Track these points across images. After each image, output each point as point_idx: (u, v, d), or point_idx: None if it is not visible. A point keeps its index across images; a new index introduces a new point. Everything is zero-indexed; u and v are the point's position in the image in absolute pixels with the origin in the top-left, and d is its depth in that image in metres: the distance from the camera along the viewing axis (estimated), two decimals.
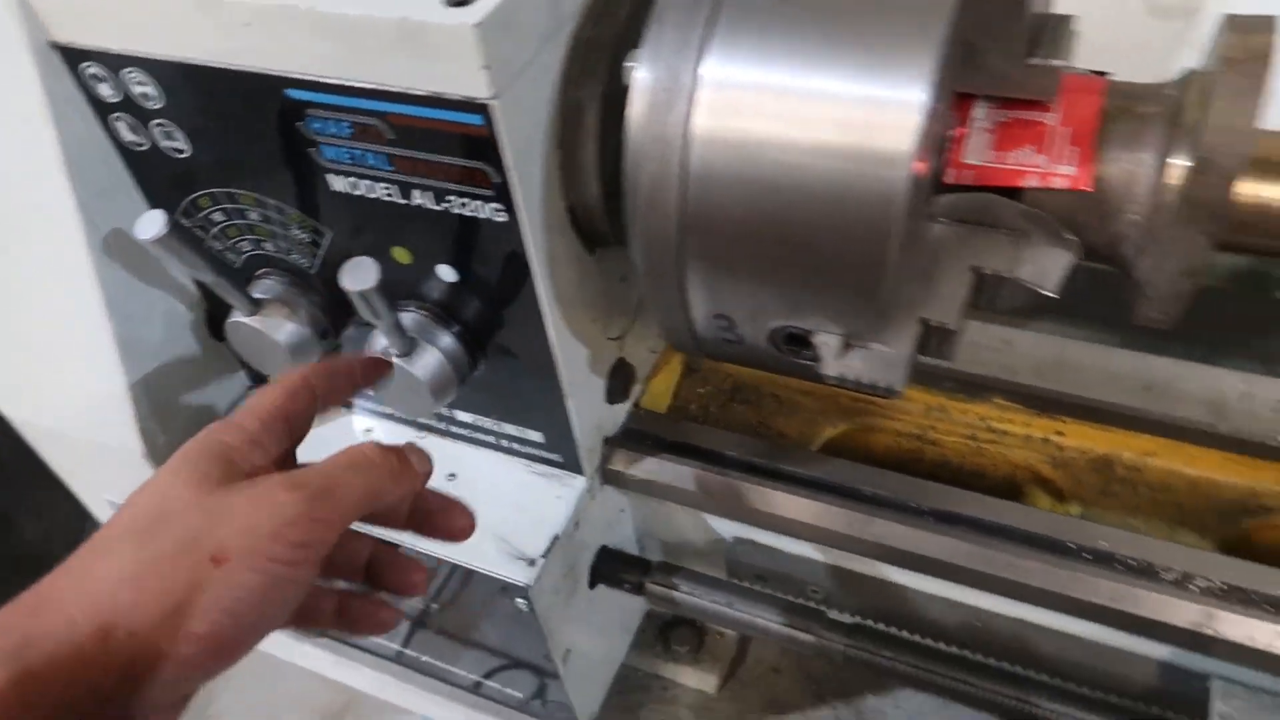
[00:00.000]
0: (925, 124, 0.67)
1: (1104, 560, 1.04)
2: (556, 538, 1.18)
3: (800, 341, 0.79)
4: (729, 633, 1.69)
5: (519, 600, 1.15)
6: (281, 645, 1.65)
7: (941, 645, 1.21)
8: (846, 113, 0.68)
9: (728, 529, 1.35)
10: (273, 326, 1.07)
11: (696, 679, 1.63)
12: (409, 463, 0.75)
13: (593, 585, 1.36)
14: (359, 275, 0.88)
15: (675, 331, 0.87)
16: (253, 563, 0.61)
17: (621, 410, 1.32)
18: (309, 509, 0.64)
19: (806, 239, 0.71)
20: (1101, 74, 0.82)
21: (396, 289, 1.05)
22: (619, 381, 1.24)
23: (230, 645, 0.61)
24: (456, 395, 1.09)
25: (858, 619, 1.24)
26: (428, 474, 0.78)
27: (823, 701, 1.61)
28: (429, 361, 1.03)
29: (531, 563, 1.15)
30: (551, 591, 1.20)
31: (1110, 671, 1.13)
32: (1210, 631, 0.97)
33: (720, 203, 0.73)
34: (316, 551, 0.65)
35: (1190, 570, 1.01)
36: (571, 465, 1.23)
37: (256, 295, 1.09)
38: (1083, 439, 1.30)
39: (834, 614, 1.23)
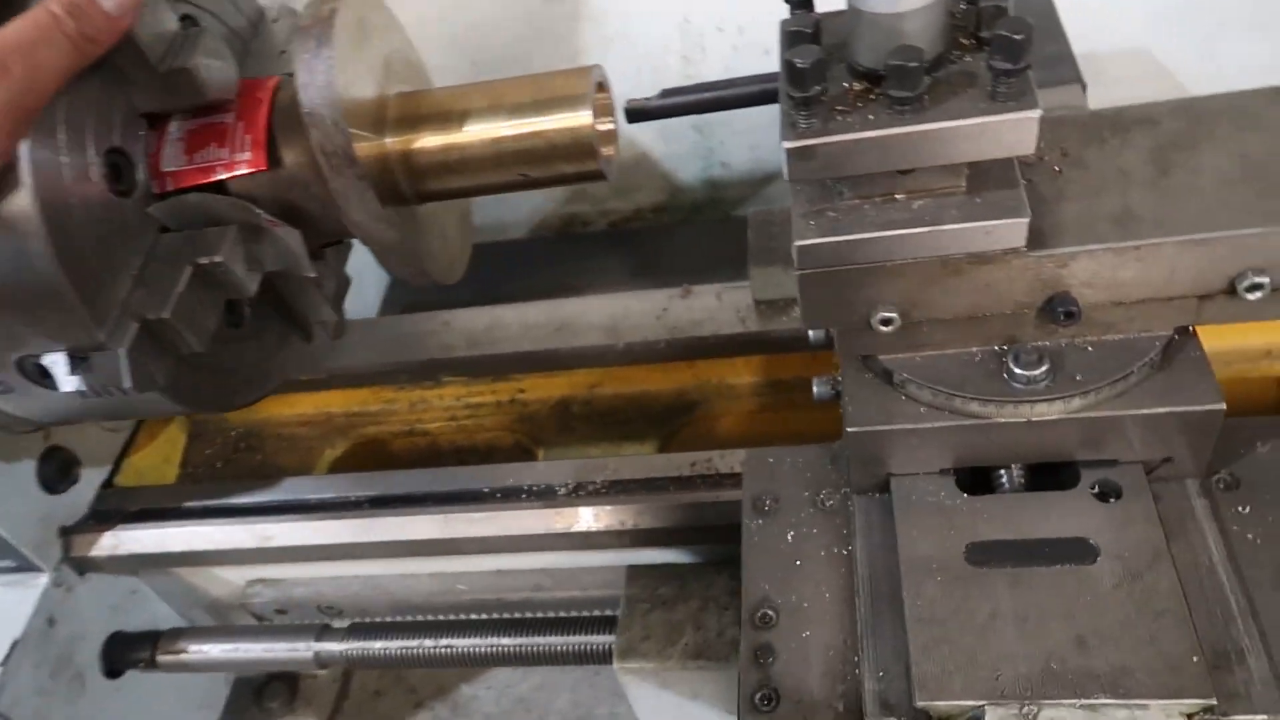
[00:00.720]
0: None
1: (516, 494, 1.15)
2: (16, 642, 1.12)
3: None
4: (322, 673, 1.68)
5: None
6: None
7: (452, 617, 1.27)
8: None
9: (236, 575, 1.34)
10: None
11: None
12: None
13: (112, 675, 1.30)
14: None
15: None
16: None
17: (84, 495, 1.27)
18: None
19: None
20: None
21: None
22: (54, 469, 1.20)
23: None
24: None
25: (362, 619, 1.27)
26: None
27: (422, 707, 1.64)
28: None
29: None
30: (35, 694, 1.14)
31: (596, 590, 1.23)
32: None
33: None
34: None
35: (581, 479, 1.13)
36: (26, 566, 1.17)
37: None
38: (541, 389, 1.41)
39: (337, 623, 1.25)
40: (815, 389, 0.97)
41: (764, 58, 1.73)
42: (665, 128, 1.81)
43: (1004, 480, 0.90)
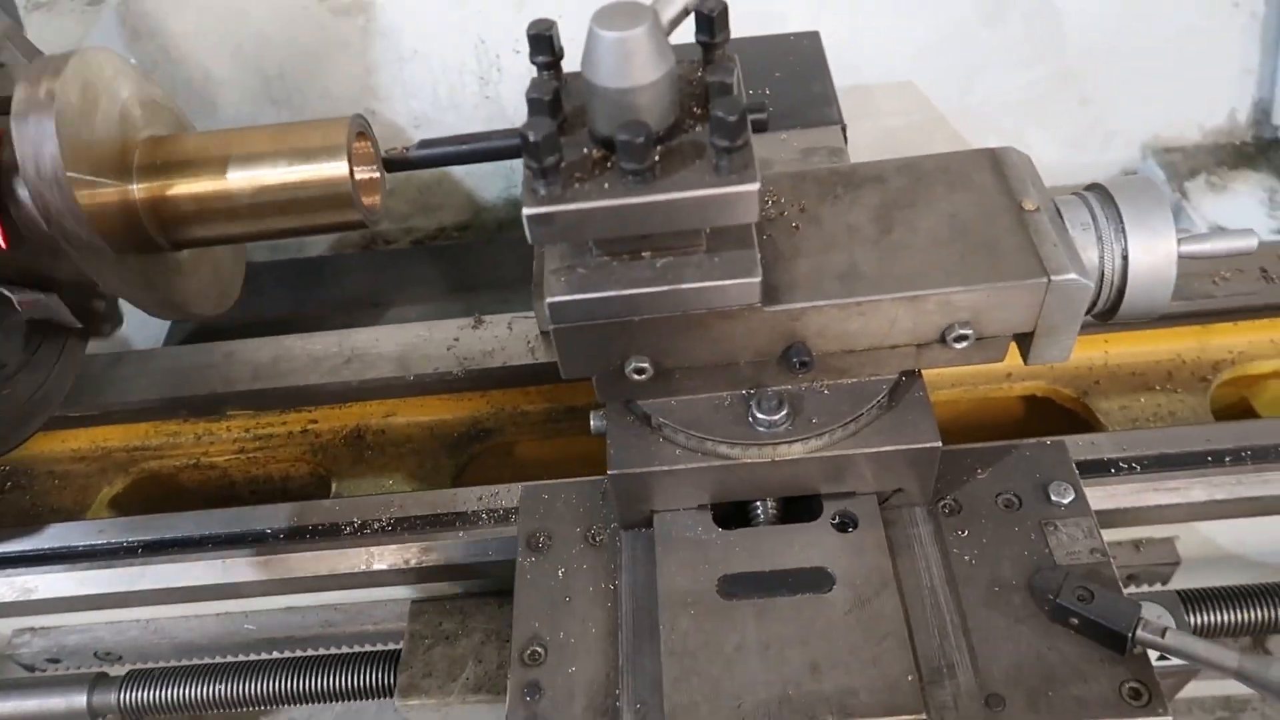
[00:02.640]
0: None
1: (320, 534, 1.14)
2: None
3: None
4: None
5: None
6: None
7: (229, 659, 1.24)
8: None
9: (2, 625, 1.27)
10: None
11: None
12: None
13: None
14: None
15: None
16: None
17: None
18: None
19: None
20: None
21: None
22: None
23: None
24: None
25: (143, 665, 1.23)
26: None
27: None
28: None
29: None
30: None
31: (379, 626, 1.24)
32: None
33: None
34: None
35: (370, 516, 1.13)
36: None
37: None
38: (334, 420, 1.40)
39: (115, 671, 1.21)
40: (593, 423, 1.00)
41: None
42: None
43: (759, 513, 0.96)
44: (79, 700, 1.19)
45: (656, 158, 0.76)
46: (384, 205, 0.96)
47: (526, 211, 0.76)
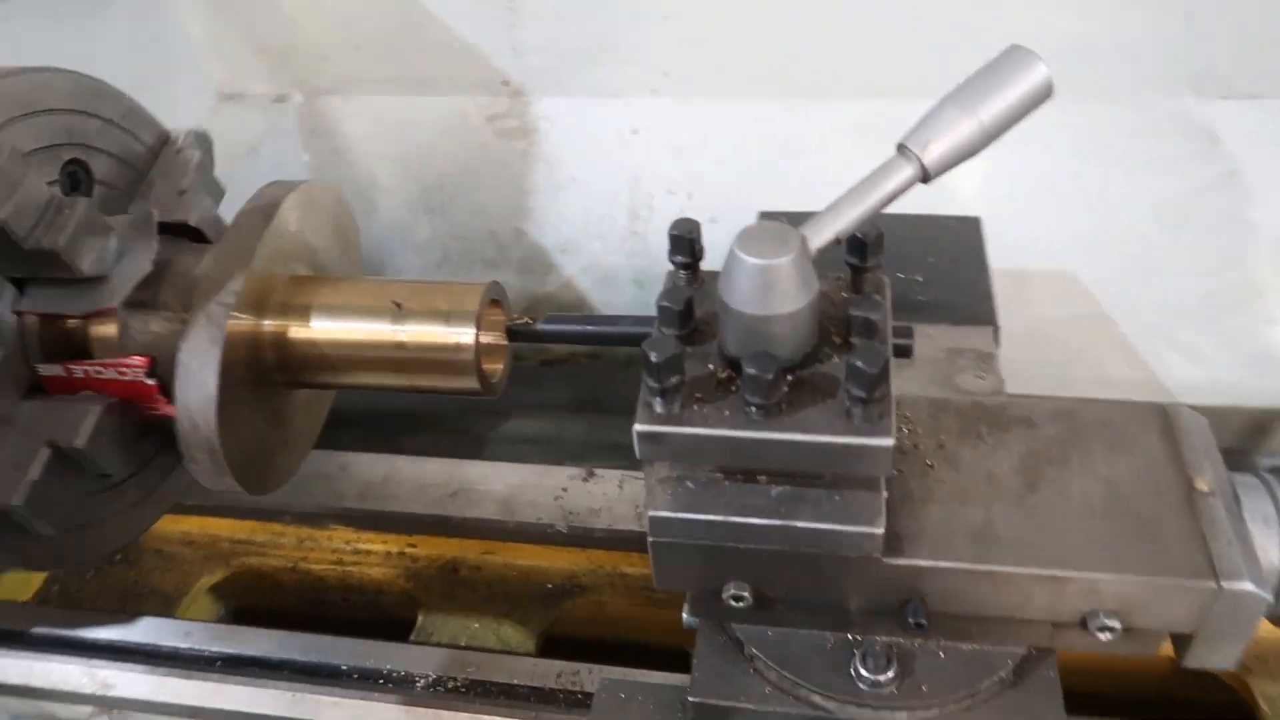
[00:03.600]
0: None
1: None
2: None
3: None
4: None
5: None
6: None
7: None
8: None
9: (77, 710, 1.27)
10: None
11: None
12: None
13: None
14: None
15: None
16: None
17: None
18: None
19: None
20: None
21: None
22: None
23: None
24: None
25: None
26: None
27: None
28: None
29: None
30: None
31: None
32: None
33: None
34: None
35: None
36: None
37: None
38: (432, 547, 1.37)
39: None
40: (685, 616, 0.94)
41: (710, 226, 1.73)
42: (607, 278, 1.81)
43: None
44: None
45: (785, 388, 0.71)
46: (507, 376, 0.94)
47: (638, 428, 0.71)
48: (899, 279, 1.31)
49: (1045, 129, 0.84)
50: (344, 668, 1.13)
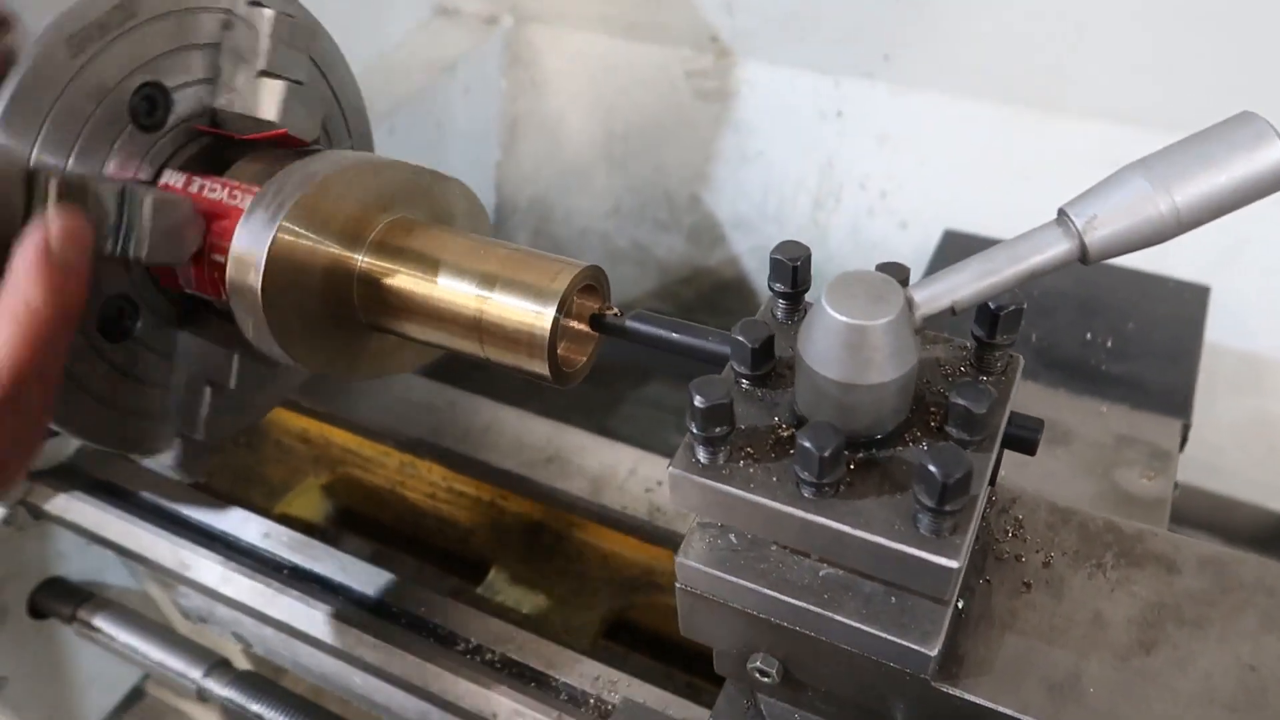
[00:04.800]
0: None
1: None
2: None
3: None
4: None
5: None
6: None
7: None
8: None
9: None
10: None
11: None
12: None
13: (36, 616, 1.33)
14: None
15: None
16: None
17: (67, 444, 1.30)
18: None
19: None
20: None
21: None
22: None
23: None
24: None
25: (261, 668, 1.24)
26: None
27: None
28: None
29: None
30: None
31: None
32: None
33: None
34: None
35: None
36: None
37: None
38: (520, 506, 1.34)
39: (240, 661, 1.23)
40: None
41: (900, 232, 1.59)
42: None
43: None
44: (194, 675, 1.23)
45: (851, 465, 0.60)
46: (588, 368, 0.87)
47: (671, 471, 0.62)
48: (1085, 339, 1.13)
49: None
50: (394, 609, 1.11)
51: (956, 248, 1.29)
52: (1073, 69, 1.39)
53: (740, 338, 0.64)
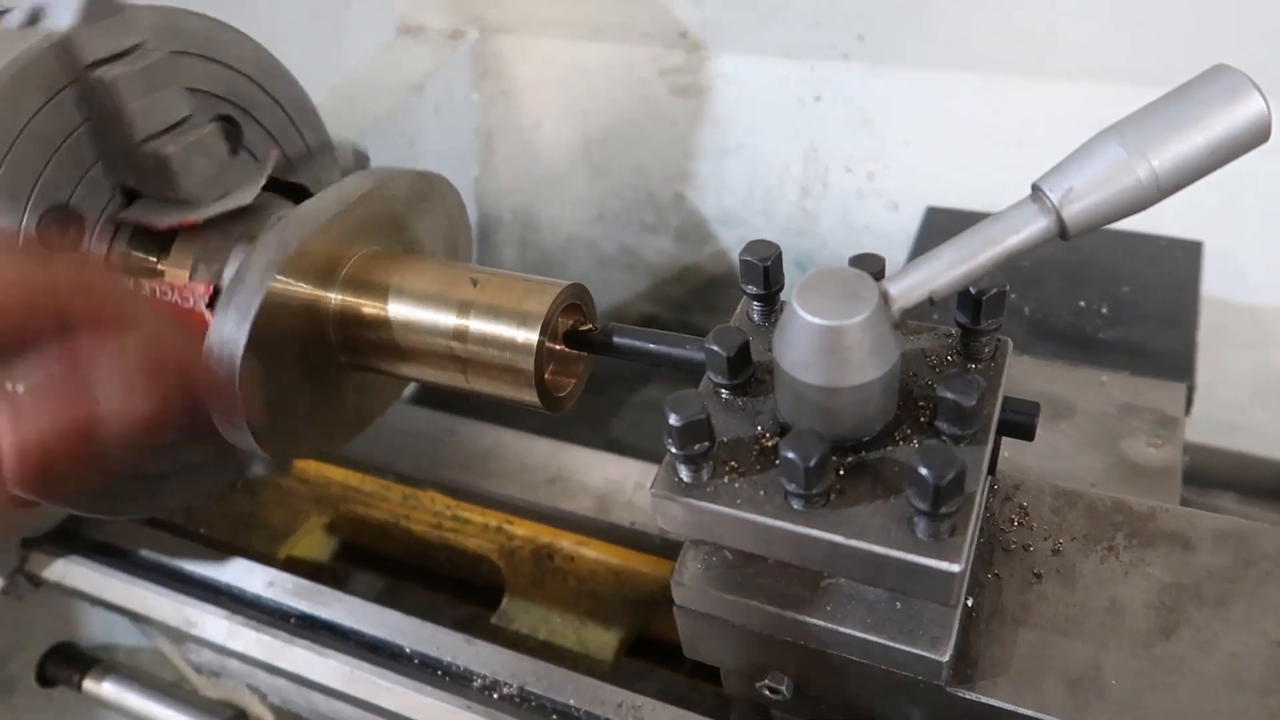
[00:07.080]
0: None
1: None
2: None
3: None
4: None
5: None
6: None
7: None
8: None
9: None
10: None
11: None
12: None
13: (45, 684, 1.32)
14: None
15: None
16: None
17: (52, 511, 1.28)
18: None
19: None
20: None
21: None
22: None
23: None
24: None
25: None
26: None
27: None
28: None
29: None
30: None
31: None
32: None
33: None
34: None
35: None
36: None
37: None
38: (527, 529, 1.31)
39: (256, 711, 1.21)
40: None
41: (891, 213, 1.56)
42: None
43: None
44: None
45: (840, 471, 0.57)
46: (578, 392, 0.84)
47: (654, 494, 0.60)
48: (1078, 307, 1.10)
49: None
50: (407, 650, 1.09)
51: (940, 225, 1.26)
52: (1054, 29, 1.35)
53: (714, 347, 0.61)
